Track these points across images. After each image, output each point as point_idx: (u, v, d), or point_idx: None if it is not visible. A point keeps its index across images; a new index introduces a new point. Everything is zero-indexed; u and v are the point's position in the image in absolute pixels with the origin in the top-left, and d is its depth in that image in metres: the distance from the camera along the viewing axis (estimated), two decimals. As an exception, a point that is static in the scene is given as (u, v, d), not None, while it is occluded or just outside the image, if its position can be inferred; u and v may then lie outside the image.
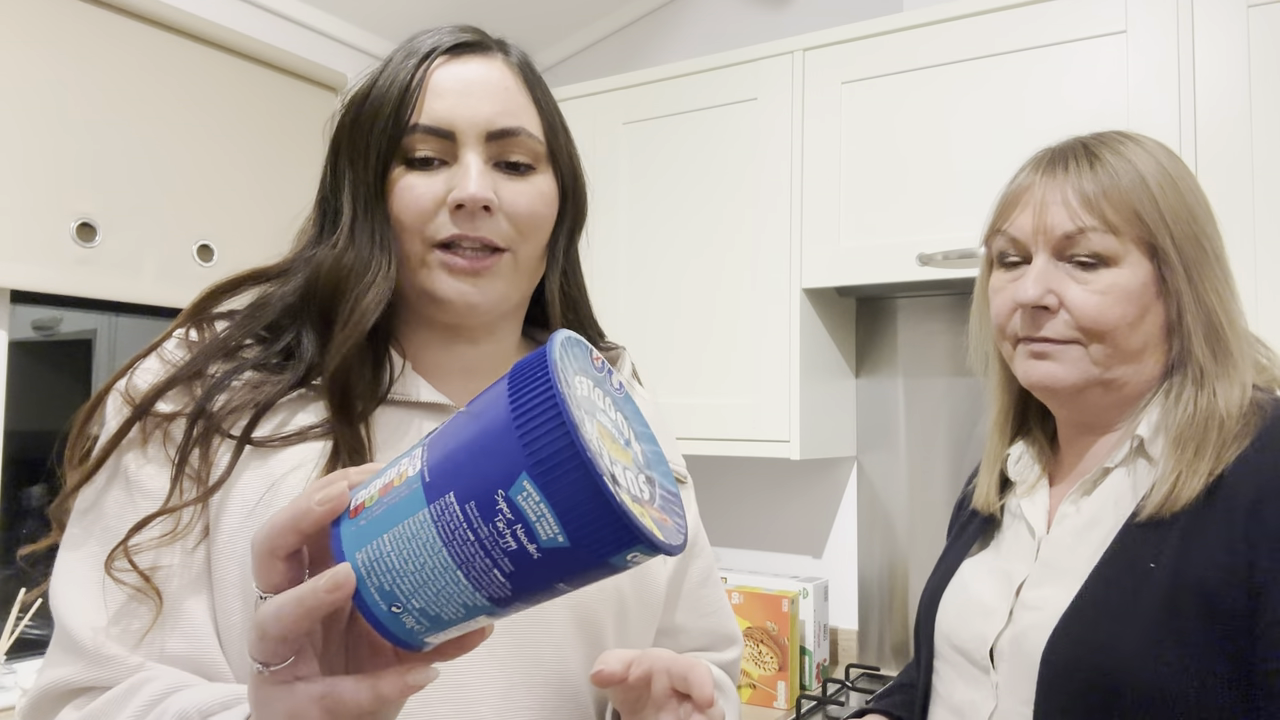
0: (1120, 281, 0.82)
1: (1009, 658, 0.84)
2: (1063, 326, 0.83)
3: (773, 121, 1.81)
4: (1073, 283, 0.83)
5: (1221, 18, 1.44)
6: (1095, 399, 0.86)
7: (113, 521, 0.70)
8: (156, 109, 1.82)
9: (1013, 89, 1.59)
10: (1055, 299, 0.83)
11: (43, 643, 1.66)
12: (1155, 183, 0.83)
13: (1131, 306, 0.82)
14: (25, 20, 1.62)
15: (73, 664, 0.68)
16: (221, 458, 0.69)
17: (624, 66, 2.40)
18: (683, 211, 1.91)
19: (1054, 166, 0.85)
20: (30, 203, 1.62)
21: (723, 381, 1.85)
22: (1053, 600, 0.82)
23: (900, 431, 1.99)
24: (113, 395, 0.72)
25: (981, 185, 1.60)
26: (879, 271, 1.70)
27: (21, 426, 1.70)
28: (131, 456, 0.70)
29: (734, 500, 2.20)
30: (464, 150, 0.72)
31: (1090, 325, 0.82)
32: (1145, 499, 0.79)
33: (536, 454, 0.38)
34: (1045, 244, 0.84)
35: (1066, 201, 0.83)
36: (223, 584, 0.68)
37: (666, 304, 1.92)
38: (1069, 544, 0.84)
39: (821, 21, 2.10)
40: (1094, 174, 0.83)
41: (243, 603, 0.67)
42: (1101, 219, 0.81)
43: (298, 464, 0.69)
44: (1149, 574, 0.76)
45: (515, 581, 0.41)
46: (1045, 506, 0.90)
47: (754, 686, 1.85)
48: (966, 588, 0.93)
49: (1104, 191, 0.82)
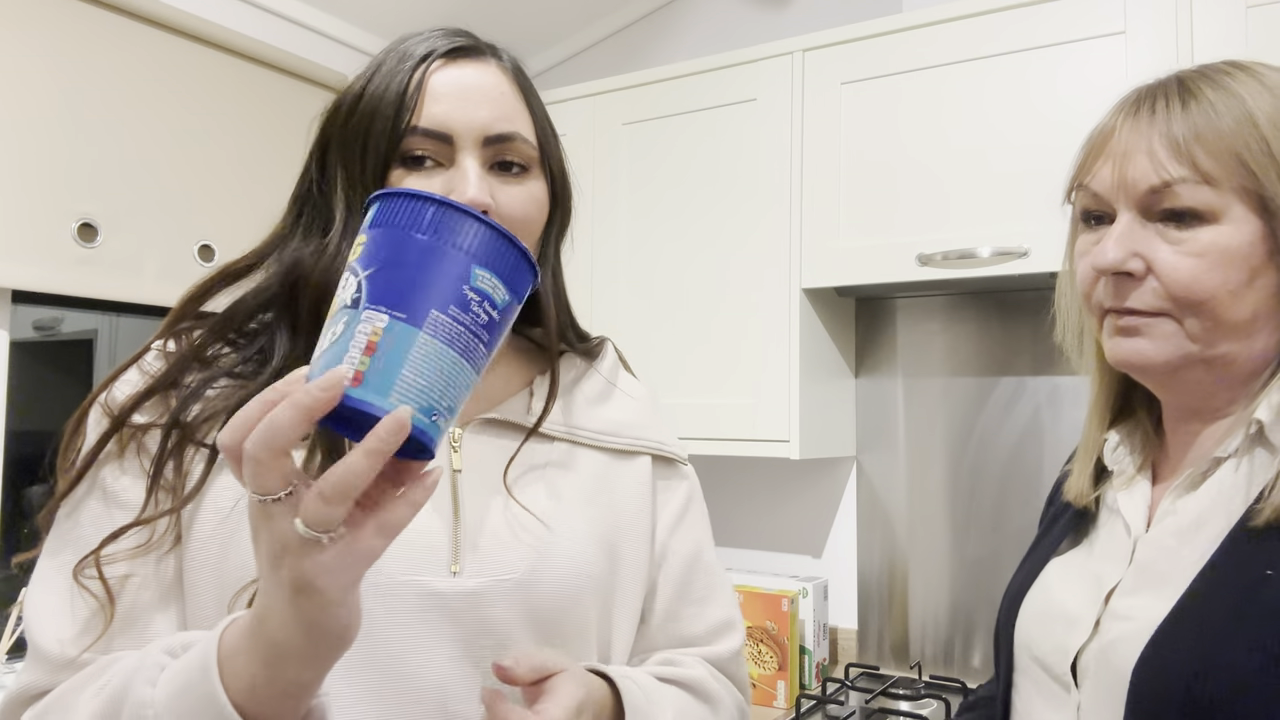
0: (1220, 241, 0.69)
1: (1093, 674, 0.73)
2: (1151, 296, 0.71)
3: (772, 122, 1.82)
4: (1163, 243, 0.70)
5: (1221, 18, 1.44)
6: (1197, 379, 0.73)
7: (87, 531, 0.71)
8: (157, 109, 1.82)
9: (1012, 89, 1.59)
10: (1141, 264, 0.71)
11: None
12: (1268, 120, 0.69)
13: (1235, 270, 0.69)
14: (26, 21, 1.63)
15: (39, 670, 0.69)
16: (196, 467, 0.71)
17: (624, 67, 2.40)
18: (682, 212, 1.92)
19: (1140, 107, 0.73)
20: (31, 203, 1.62)
21: (722, 381, 1.85)
22: (1147, 610, 0.70)
23: (900, 431, 1.99)
24: (95, 407, 0.74)
25: (981, 185, 1.61)
26: (879, 271, 1.70)
27: (22, 427, 1.70)
28: (109, 468, 0.72)
29: (734, 500, 2.20)
30: (461, 154, 0.74)
31: (1183, 294, 0.69)
32: (1263, 499, 0.67)
33: (469, 247, 0.51)
34: (1129, 200, 0.72)
35: (1152, 150, 0.70)
36: (195, 589, 0.69)
37: (666, 304, 1.92)
38: (1171, 546, 0.73)
39: (821, 22, 2.10)
40: (1186, 115, 0.70)
41: (215, 608, 0.68)
42: (1193, 167, 0.69)
43: None
44: (1264, 582, 0.64)
45: (489, 346, 0.53)
46: (1145, 501, 0.78)
47: (754, 686, 1.85)
48: (1050, 591, 0.82)
49: (1198, 134, 0.69)
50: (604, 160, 2.01)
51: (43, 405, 1.81)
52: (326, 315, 0.57)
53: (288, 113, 2.07)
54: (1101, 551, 0.80)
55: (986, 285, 1.79)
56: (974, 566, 1.89)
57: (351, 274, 0.52)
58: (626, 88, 1.99)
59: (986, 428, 1.90)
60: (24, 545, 0.81)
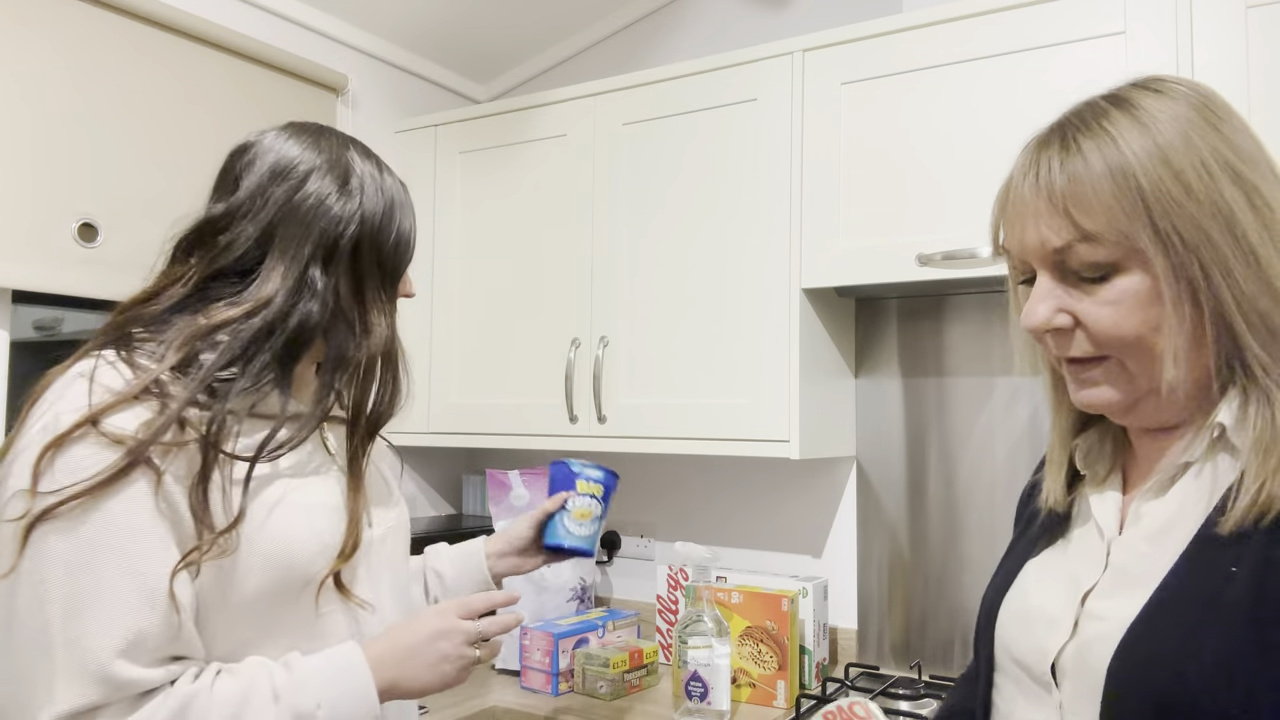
0: (1132, 286, 0.71)
1: (1072, 674, 0.75)
2: (1085, 344, 0.75)
3: (772, 122, 1.82)
4: (1083, 296, 0.73)
5: (1220, 19, 1.44)
6: (1153, 407, 0.76)
7: (141, 546, 0.84)
8: (158, 109, 1.82)
9: (1012, 89, 1.59)
10: (1068, 318, 0.74)
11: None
12: (1142, 165, 0.70)
13: (1152, 309, 0.71)
14: (26, 21, 1.63)
15: (94, 689, 0.81)
16: (236, 482, 0.91)
17: (624, 67, 2.41)
18: (682, 212, 1.92)
19: (1029, 167, 0.76)
20: (31, 203, 1.62)
21: (722, 381, 1.85)
22: (1120, 611, 0.73)
23: (900, 431, 1.99)
24: (93, 434, 0.84)
25: (981, 186, 1.61)
26: (879, 271, 1.70)
27: (23, 426, 1.70)
28: (143, 490, 0.85)
29: (734, 500, 2.20)
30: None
31: (1110, 339, 0.73)
32: (1227, 509, 0.69)
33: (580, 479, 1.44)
34: (1040, 261, 0.75)
35: (1039, 214, 0.73)
36: (249, 564, 0.90)
37: (666, 304, 1.92)
38: (1143, 550, 0.75)
39: (821, 22, 2.10)
40: (1063, 172, 0.72)
41: (261, 575, 0.91)
42: (1076, 228, 0.71)
43: (291, 465, 0.97)
44: (1230, 580, 0.67)
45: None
46: (1117, 505, 0.81)
47: (754, 685, 1.85)
48: (1028, 594, 0.84)
49: (1073, 194, 0.71)
50: (604, 160, 2.01)
51: (43, 405, 1.81)
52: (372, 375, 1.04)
53: (288, 113, 2.06)
54: (1076, 553, 0.82)
55: (986, 285, 1.79)
56: (974, 566, 1.89)
57: (597, 501, 1.43)
58: (626, 88, 2.00)
59: (986, 428, 1.90)
60: None
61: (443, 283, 2.22)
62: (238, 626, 0.91)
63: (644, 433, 1.93)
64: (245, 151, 1.05)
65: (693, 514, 2.26)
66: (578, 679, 1.90)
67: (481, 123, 2.20)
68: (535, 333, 2.08)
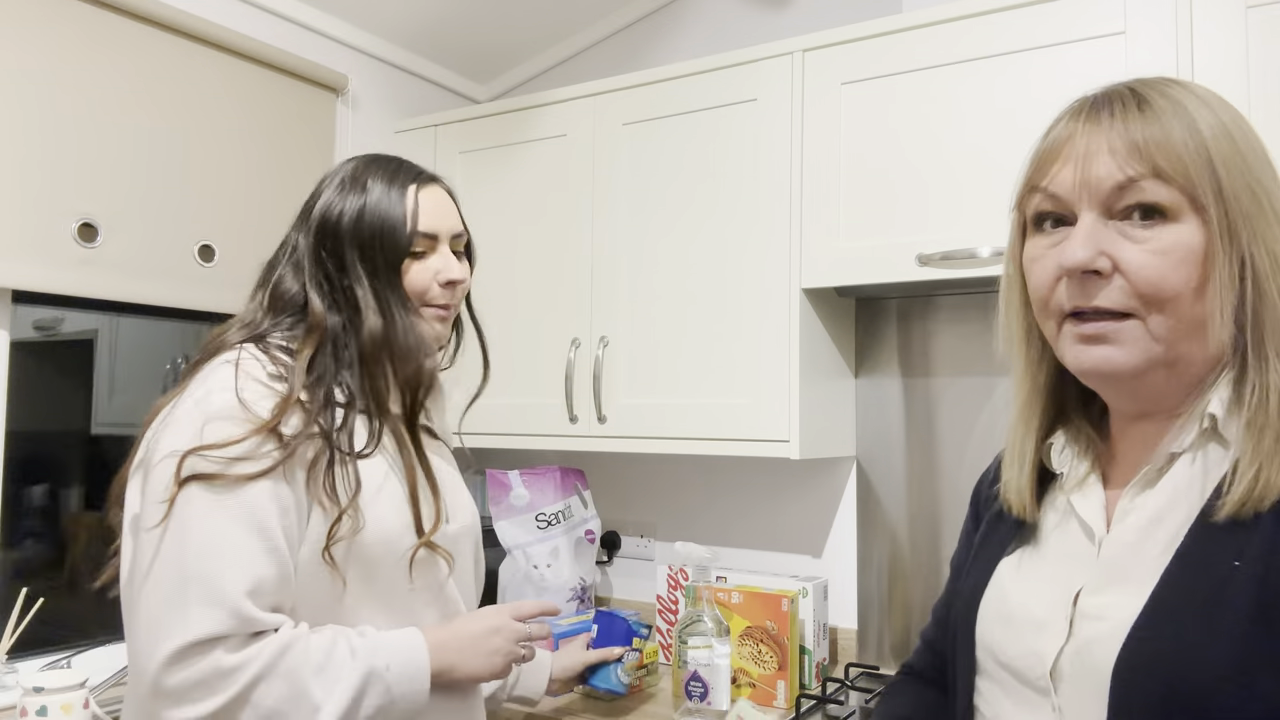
0: (1183, 239, 0.70)
1: (1070, 677, 0.73)
2: (1119, 294, 0.71)
3: (772, 122, 1.82)
4: (1127, 242, 0.71)
5: (1220, 19, 1.44)
6: (1157, 383, 0.74)
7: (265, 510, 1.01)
8: (158, 109, 1.82)
9: (1012, 89, 1.59)
10: (1108, 262, 0.71)
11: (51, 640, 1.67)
12: (1210, 133, 0.71)
13: (1195, 268, 0.70)
14: (26, 21, 1.63)
15: (222, 617, 0.96)
16: (350, 466, 1.08)
17: (624, 67, 2.41)
18: (682, 212, 1.92)
19: (1098, 113, 0.74)
20: (31, 203, 1.62)
21: (722, 381, 1.85)
22: (1119, 609, 0.71)
23: (900, 431, 1.99)
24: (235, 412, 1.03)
25: (981, 186, 1.61)
26: (878, 271, 1.70)
27: (22, 427, 1.70)
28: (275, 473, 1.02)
29: (734, 500, 2.20)
30: (442, 245, 1.21)
31: (1151, 291, 0.70)
32: (1222, 496, 0.68)
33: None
34: (1092, 199, 0.72)
35: (1114, 149, 0.72)
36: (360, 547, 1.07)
37: (666, 304, 1.92)
38: (1133, 542, 0.74)
39: (821, 22, 2.10)
40: (1144, 119, 0.72)
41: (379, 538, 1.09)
42: (1153, 167, 0.70)
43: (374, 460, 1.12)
44: (1234, 574, 0.66)
45: None
46: (1101, 502, 0.79)
47: (754, 685, 1.85)
48: (1008, 596, 0.82)
49: (1154, 138, 0.71)
50: (604, 160, 2.01)
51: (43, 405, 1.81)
52: (392, 367, 1.15)
53: (288, 113, 2.07)
54: (1058, 554, 0.80)
55: (986, 285, 1.79)
56: (974, 566, 1.89)
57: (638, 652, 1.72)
58: (626, 88, 2.00)
59: (986, 428, 1.90)
60: (25, 545, 0.85)
61: (443, 283, 2.22)
62: (339, 597, 1.07)
63: (644, 433, 1.93)
64: None
65: (693, 514, 2.26)
66: (578, 679, 1.90)
67: (481, 123, 2.20)
68: (535, 333, 2.08)
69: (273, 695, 0.97)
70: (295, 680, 0.98)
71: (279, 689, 0.97)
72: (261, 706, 0.96)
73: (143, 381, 2.00)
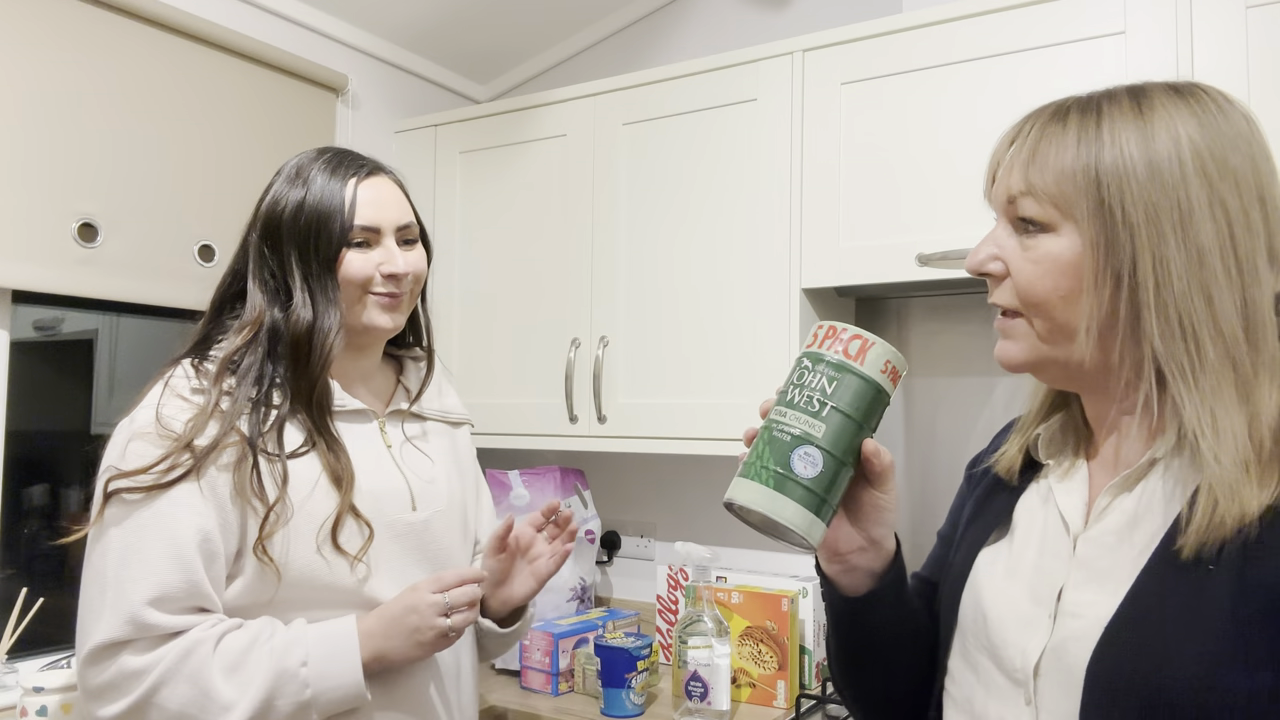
0: (1053, 250, 0.74)
1: (1047, 672, 0.74)
2: (1008, 295, 0.78)
3: (772, 122, 1.82)
4: (1018, 249, 0.77)
5: (1220, 18, 1.44)
6: (1069, 378, 0.78)
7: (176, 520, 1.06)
8: (158, 110, 1.82)
9: (1011, 89, 1.59)
10: (1001, 265, 0.78)
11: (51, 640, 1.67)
12: (1128, 148, 0.71)
13: (1065, 279, 0.73)
14: (26, 21, 1.63)
15: (122, 625, 1.01)
16: (277, 466, 1.10)
17: (624, 67, 2.41)
18: (682, 212, 1.92)
19: (1020, 128, 0.80)
20: (32, 203, 1.62)
21: (722, 381, 1.85)
22: (1094, 607, 0.72)
23: (900, 431, 1.99)
24: (154, 425, 1.08)
25: (980, 186, 1.60)
26: (879, 271, 1.70)
27: (22, 426, 1.70)
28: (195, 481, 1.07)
29: (734, 500, 2.20)
30: (385, 238, 1.19)
31: (1025, 295, 0.76)
32: (1190, 517, 0.68)
33: None
34: (998, 208, 0.80)
35: (1014, 165, 0.78)
36: (297, 533, 1.10)
37: (666, 304, 1.92)
38: (1110, 543, 0.74)
39: (821, 22, 2.10)
40: (1044, 137, 0.76)
41: (307, 542, 1.10)
42: (1028, 184, 0.75)
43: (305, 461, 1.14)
44: (1208, 578, 0.66)
45: None
46: (1084, 498, 0.80)
47: (754, 685, 1.85)
48: (989, 585, 0.83)
49: (1040, 156, 0.75)
50: (604, 160, 2.01)
51: (43, 405, 1.81)
52: (310, 358, 1.13)
53: (288, 113, 2.07)
54: (1038, 547, 0.81)
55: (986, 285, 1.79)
56: (974, 566, 1.89)
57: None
58: (626, 88, 2.00)
59: (986, 428, 1.90)
60: (24, 544, 0.86)
61: (443, 282, 2.22)
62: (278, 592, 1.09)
63: (644, 432, 1.93)
64: None
65: (693, 514, 2.26)
66: (578, 679, 1.90)
67: (481, 123, 2.20)
68: (535, 333, 2.08)
69: (177, 698, 1.01)
70: (199, 682, 1.01)
71: (183, 691, 1.01)
72: (167, 709, 1.01)
73: (143, 382, 1.98)
